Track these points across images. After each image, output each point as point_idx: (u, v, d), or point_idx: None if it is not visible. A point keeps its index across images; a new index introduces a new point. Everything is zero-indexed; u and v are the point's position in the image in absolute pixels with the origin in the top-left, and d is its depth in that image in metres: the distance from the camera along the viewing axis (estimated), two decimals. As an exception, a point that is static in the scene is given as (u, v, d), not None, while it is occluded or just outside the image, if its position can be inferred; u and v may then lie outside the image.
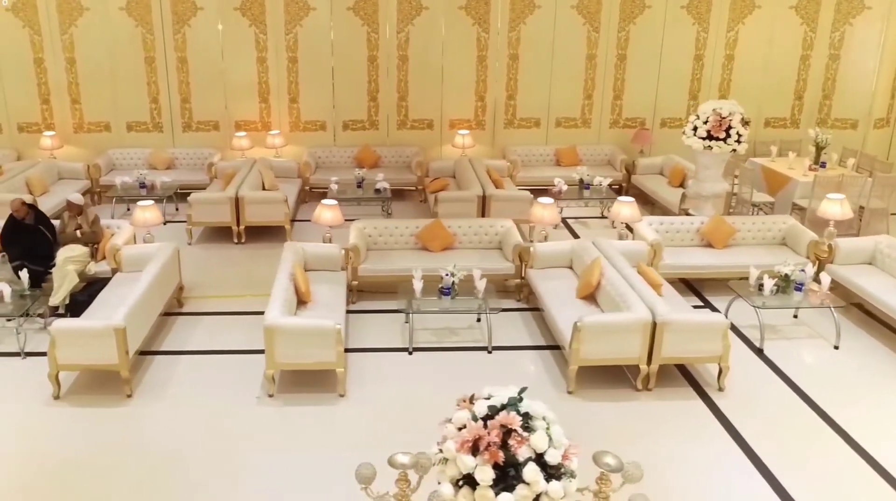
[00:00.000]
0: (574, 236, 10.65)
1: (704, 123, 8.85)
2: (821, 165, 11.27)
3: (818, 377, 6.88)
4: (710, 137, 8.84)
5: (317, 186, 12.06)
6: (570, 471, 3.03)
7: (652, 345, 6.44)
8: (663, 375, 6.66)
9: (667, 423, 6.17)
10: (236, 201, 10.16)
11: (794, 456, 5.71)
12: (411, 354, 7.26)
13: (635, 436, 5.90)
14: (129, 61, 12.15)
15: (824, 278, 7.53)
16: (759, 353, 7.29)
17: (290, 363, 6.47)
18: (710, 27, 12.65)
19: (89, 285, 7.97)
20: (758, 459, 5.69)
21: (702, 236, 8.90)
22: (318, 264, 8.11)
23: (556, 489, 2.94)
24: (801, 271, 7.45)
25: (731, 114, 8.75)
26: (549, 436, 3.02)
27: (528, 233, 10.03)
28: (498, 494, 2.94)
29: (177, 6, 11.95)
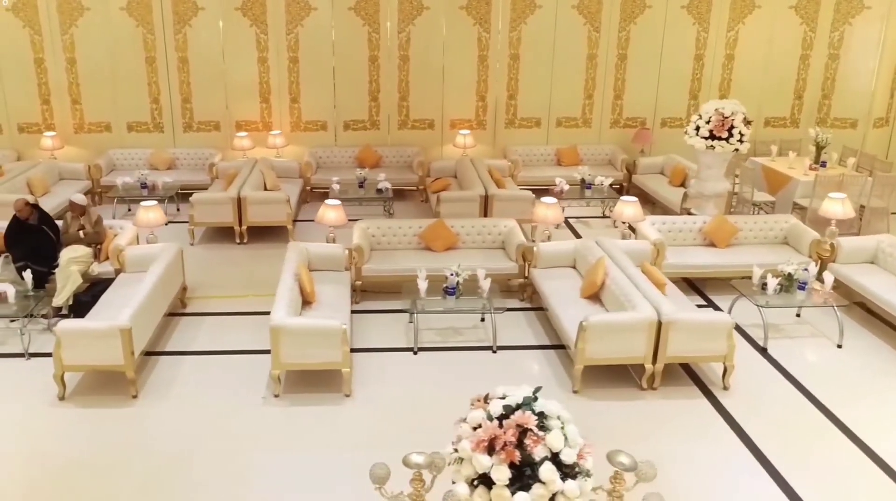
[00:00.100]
0: (576, 235, 10.67)
1: (707, 122, 8.87)
2: (821, 165, 11.31)
3: (822, 375, 6.91)
4: (712, 136, 8.87)
5: (318, 187, 12.06)
6: (586, 470, 3.05)
7: (657, 344, 6.46)
8: (668, 374, 6.68)
9: (672, 422, 6.19)
10: (238, 202, 10.15)
11: (798, 454, 5.74)
12: (416, 354, 7.27)
13: (641, 435, 5.92)
14: (130, 61, 12.13)
15: (827, 278, 7.56)
16: (763, 352, 7.32)
17: (296, 363, 6.47)
18: (710, 27, 12.67)
19: (92, 285, 7.97)
20: (763, 457, 5.71)
21: (704, 236, 8.92)
22: (321, 265, 8.11)
23: (572, 488, 2.95)
24: (804, 271, 7.47)
25: (734, 114, 8.77)
26: (565, 435, 3.04)
27: (530, 233, 10.04)
28: (514, 493, 2.95)
29: (177, 6, 11.94)
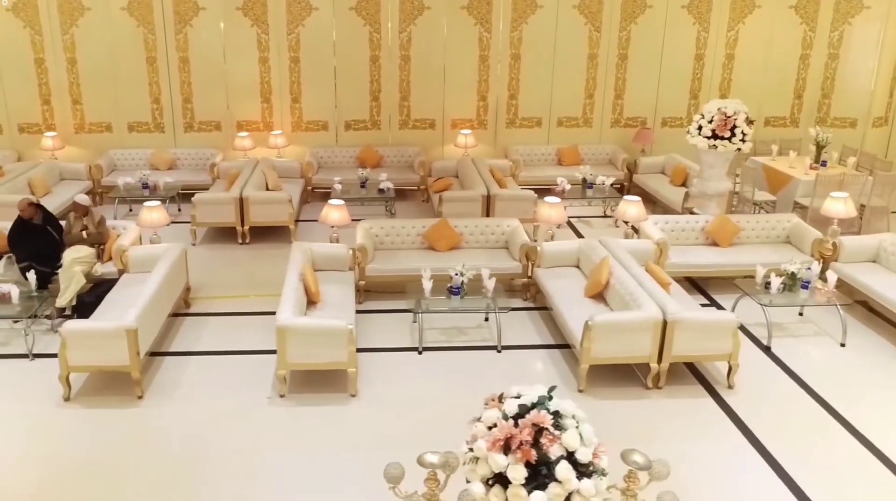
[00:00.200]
0: (578, 235, 10.69)
1: (709, 122, 8.89)
2: (822, 164, 11.34)
3: (826, 374, 6.93)
4: (715, 136, 8.89)
5: (319, 186, 12.06)
6: (601, 469, 3.05)
7: (662, 343, 6.48)
8: (673, 373, 6.69)
9: (678, 420, 6.21)
10: (241, 202, 10.15)
11: (803, 452, 5.76)
12: (421, 353, 7.27)
13: (647, 434, 5.93)
14: (131, 61, 12.11)
15: (830, 276, 7.58)
16: (767, 351, 7.34)
17: (302, 363, 6.47)
18: (710, 27, 12.70)
19: (96, 286, 7.96)
20: (768, 455, 5.73)
21: (707, 235, 8.94)
22: (325, 265, 8.11)
23: (588, 487, 2.96)
24: (807, 270, 7.50)
25: (736, 113, 8.80)
26: (580, 434, 3.05)
27: (532, 232, 10.04)
28: (530, 492, 2.96)
29: (178, 6, 11.92)
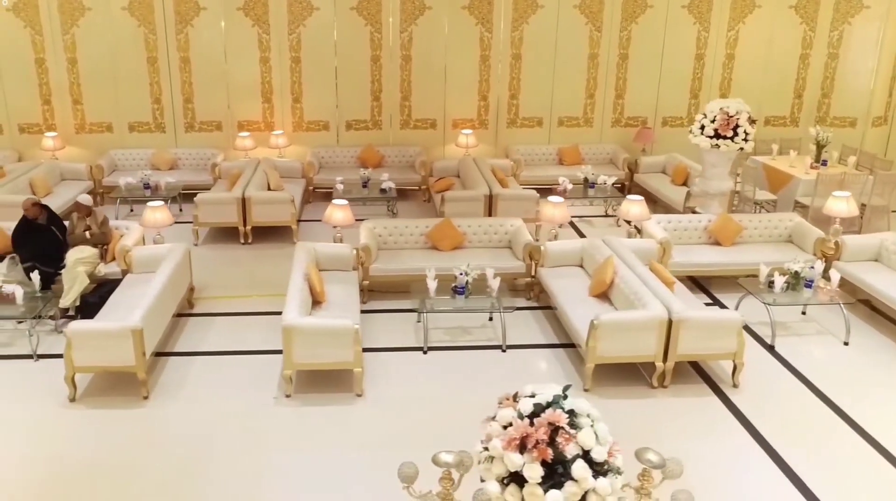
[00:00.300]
0: (580, 234, 10.70)
1: (712, 121, 8.92)
2: (822, 164, 11.38)
3: (830, 372, 6.96)
4: (717, 135, 8.91)
5: (320, 186, 12.06)
6: (616, 468, 3.07)
7: (668, 342, 6.49)
8: (678, 372, 6.71)
9: (684, 419, 6.23)
10: (243, 202, 10.14)
11: (809, 450, 5.79)
12: (426, 353, 7.28)
13: (654, 433, 5.94)
14: (132, 61, 12.09)
15: (834, 275, 7.61)
16: (771, 349, 7.37)
17: (308, 363, 6.47)
18: (710, 26, 12.72)
19: (99, 286, 7.94)
20: (774, 452, 5.76)
21: (709, 234, 8.97)
22: (329, 264, 8.11)
23: (604, 485, 2.97)
24: (810, 269, 7.52)
25: (739, 112, 8.82)
26: (595, 433, 3.06)
27: (534, 232, 10.06)
28: (546, 491, 2.97)
29: (179, 6, 11.91)
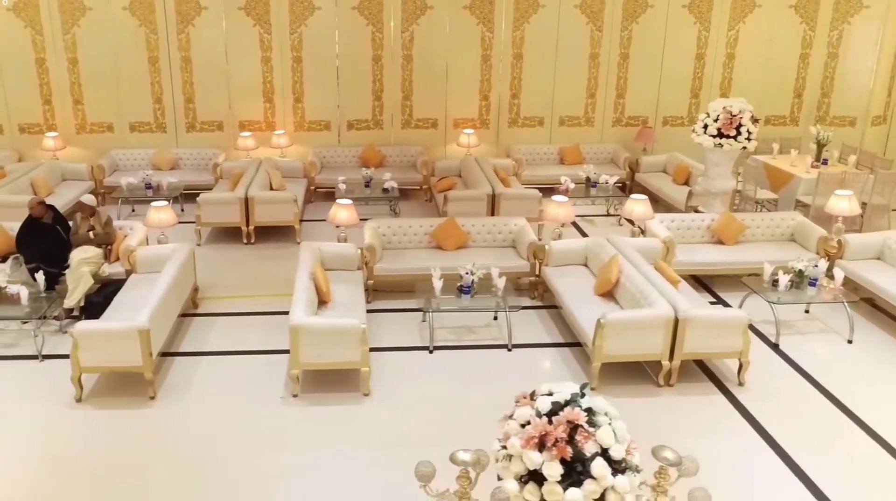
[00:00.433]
0: (582, 234, 10.72)
1: (715, 121, 8.94)
2: (823, 163, 11.42)
3: (835, 370, 6.99)
4: (720, 134, 8.94)
5: (322, 186, 12.07)
6: (634, 466, 3.08)
7: (674, 341, 6.51)
8: (683, 370, 6.73)
9: (691, 418, 6.25)
10: (246, 202, 10.13)
11: (816, 447, 5.82)
12: (432, 352, 7.29)
13: (661, 431, 5.95)
14: (133, 61, 12.07)
15: (837, 274, 7.65)
16: (775, 348, 7.40)
17: (315, 362, 6.47)
18: (711, 26, 12.76)
19: (103, 286, 7.94)
20: (781, 450, 5.79)
21: (712, 233, 8.99)
22: (334, 264, 8.11)
23: (623, 483, 2.98)
24: (814, 267, 7.55)
25: (742, 112, 8.85)
26: (613, 431, 3.07)
27: (537, 231, 10.06)
28: (565, 489, 2.98)
29: (180, 6, 11.89)
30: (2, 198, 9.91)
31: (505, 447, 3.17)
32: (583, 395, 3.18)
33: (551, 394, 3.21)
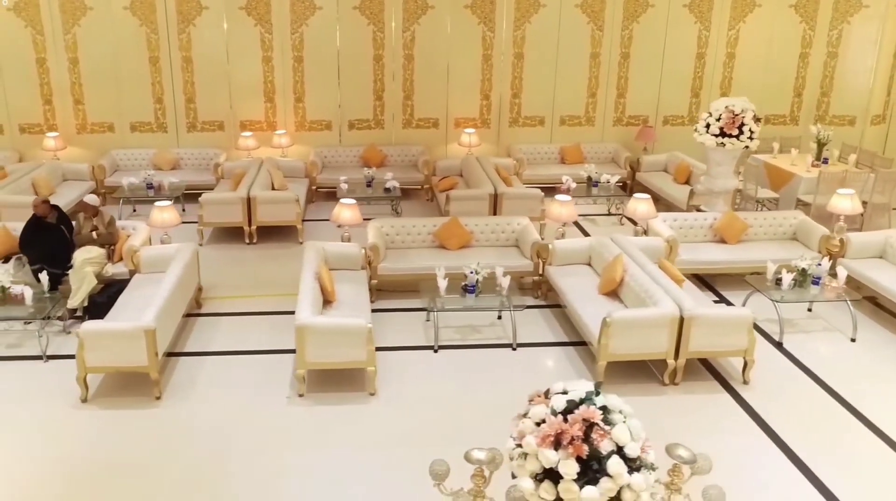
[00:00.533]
0: (583, 233, 10.73)
1: (717, 120, 8.96)
2: (823, 162, 11.46)
3: (839, 368, 7.01)
4: (722, 133, 8.96)
5: (323, 186, 12.07)
6: (649, 464, 3.09)
7: (679, 339, 6.53)
8: (689, 369, 6.74)
9: (696, 416, 6.26)
10: (248, 202, 10.12)
11: (821, 444, 5.84)
12: (436, 352, 7.29)
13: (667, 430, 5.94)
14: (133, 61, 12.04)
15: (840, 272, 7.67)
16: (779, 346, 7.42)
17: (321, 362, 6.47)
18: (711, 26, 12.78)
19: (107, 286, 7.93)
20: (787, 448, 5.81)
21: (715, 232, 9.01)
22: (338, 264, 8.10)
23: (639, 481, 2.99)
24: (817, 266, 7.58)
25: (744, 111, 8.88)
26: (629, 429, 3.08)
27: (539, 231, 10.06)
28: (581, 487, 2.98)
29: (181, 5, 11.87)
30: (4, 198, 9.90)
31: (520, 445, 3.17)
32: (597, 393, 3.19)
33: (566, 392, 3.22)
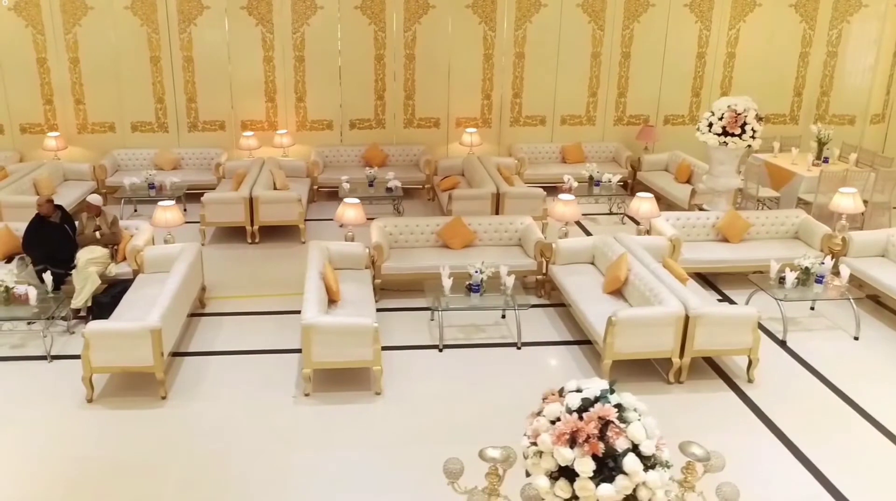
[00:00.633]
0: (585, 232, 10.75)
1: (720, 119, 8.98)
2: (824, 161, 11.49)
3: (843, 366, 7.03)
4: (725, 132, 8.98)
5: (325, 186, 12.06)
6: (664, 461, 3.10)
7: (684, 338, 6.55)
8: (693, 367, 6.76)
9: (702, 415, 6.28)
10: (251, 201, 10.12)
11: (827, 442, 5.86)
12: (441, 351, 7.30)
13: (673, 428, 5.85)
14: (134, 61, 12.03)
15: (843, 271, 7.69)
16: (783, 345, 7.44)
17: (327, 361, 6.47)
18: (712, 25, 12.81)
19: (111, 286, 7.91)
20: (793, 445, 5.83)
21: (717, 231, 9.04)
22: (342, 263, 8.10)
23: (655, 479, 3.00)
24: (821, 264, 7.60)
25: (746, 110, 8.90)
26: (644, 427, 3.09)
27: (541, 230, 10.07)
28: (597, 485, 2.99)
29: (183, 5, 11.86)
30: (6, 198, 9.87)
31: (535, 443, 3.18)
32: (612, 391, 3.20)
33: (580, 391, 3.23)
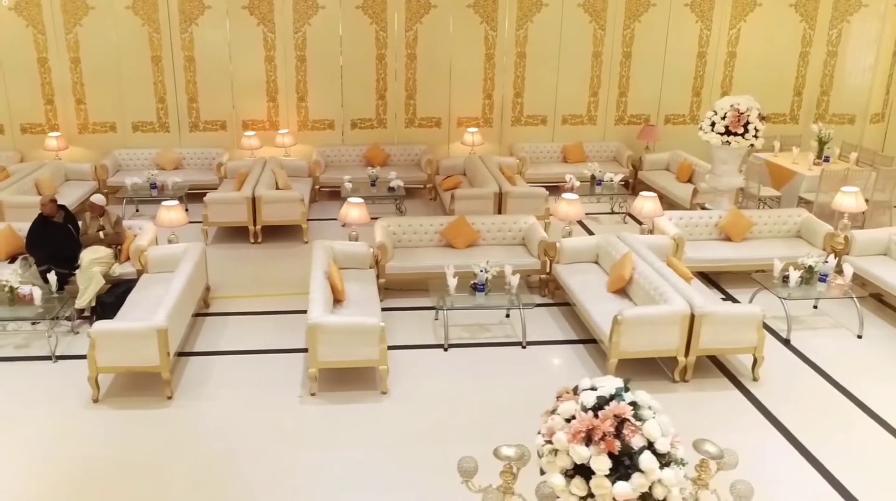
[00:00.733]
0: (587, 231, 10.77)
1: (722, 118, 9.01)
2: (824, 160, 11.53)
3: (847, 365, 7.05)
4: (727, 132, 9.00)
5: (326, 185, 12.06)
6: (679, 459, 3.11)
7: (689, 337, 6.56)
8: (698, 366, 6.78)
9: (708, 413, 6.29)
10: (253, 201, 10.11)
11: (832, 440, 5.89)
12: (447, 350, 7.31)
13: (680, 427, 5.88)
14: (135, 61, 12.01)
15: (847, 269, 7.72)
16: (787, 343, 7.46)
17: (333, 361, 6.47)
18: (712, 25, 12.84)
19: (114, 286, 7.91)
20: (798, 443, 5.86)
21: (720, 230, 9.05)
22: (346, 263, 8.10)
23: (670, 476, 3.01)
24: (824, 263, 7.63)
25: (749, 109, 8.92)
26: (659, 425, 3.10)
27: (544, 229, 10.07)
28: (613, 483, 3.00)
29: (184, 5, 11.85)
30: (9, 198, 9.85)
31: (550, 441, 3.19)
32: (626, 389, 3.21)
33: (594, 389, 3.24)
